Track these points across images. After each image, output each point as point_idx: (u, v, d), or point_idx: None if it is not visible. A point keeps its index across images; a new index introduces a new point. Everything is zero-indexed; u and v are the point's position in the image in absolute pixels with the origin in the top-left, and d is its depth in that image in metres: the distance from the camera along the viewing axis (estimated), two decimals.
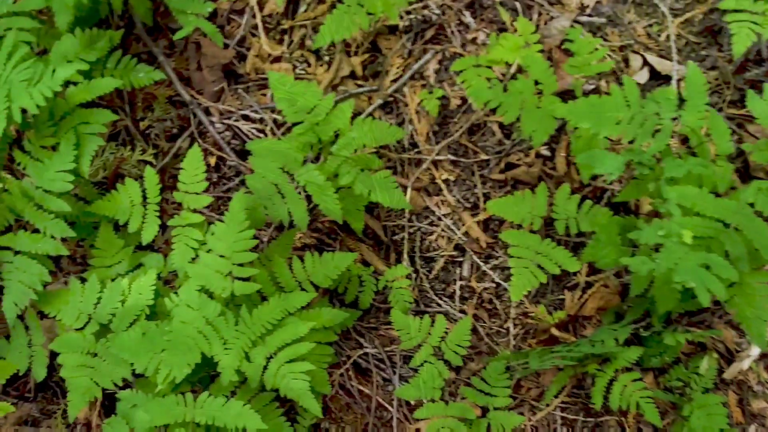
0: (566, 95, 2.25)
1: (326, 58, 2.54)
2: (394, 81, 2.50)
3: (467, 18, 2.47)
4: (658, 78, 2.38)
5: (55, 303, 2.29)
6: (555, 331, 2.29)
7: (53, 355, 2.48)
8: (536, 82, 2.10)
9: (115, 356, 2.24)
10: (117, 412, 2.21)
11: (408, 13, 2.47)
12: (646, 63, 2.35)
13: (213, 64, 2.59)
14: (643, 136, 1.76)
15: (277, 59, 2.56)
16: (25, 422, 2.80)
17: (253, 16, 2.61)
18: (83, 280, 2.32)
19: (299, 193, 2.17)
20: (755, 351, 2.33)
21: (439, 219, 2.51)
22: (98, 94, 2.23)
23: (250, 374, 2.03)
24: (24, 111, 2.05)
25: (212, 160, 2.65)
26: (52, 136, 2.24)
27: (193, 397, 2.00)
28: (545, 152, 2.40)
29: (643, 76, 2.31)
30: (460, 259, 2.51)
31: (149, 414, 2.00)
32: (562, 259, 2.12)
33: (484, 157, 2.47)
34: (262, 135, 2.59)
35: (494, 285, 2.48)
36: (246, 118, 2.63)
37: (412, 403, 2.48)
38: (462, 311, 2.49)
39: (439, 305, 2.50)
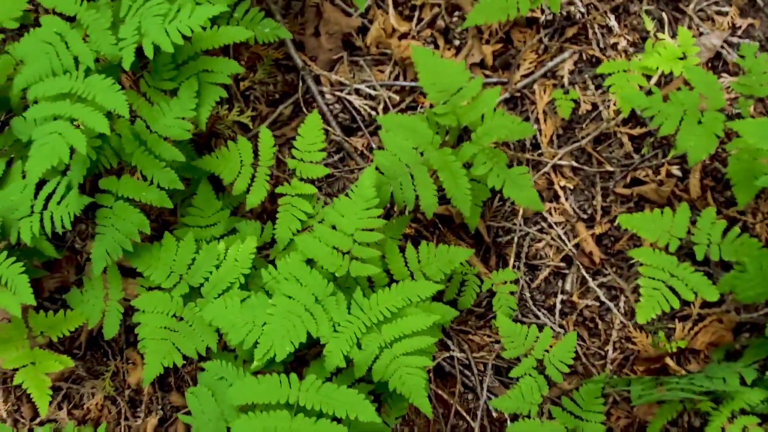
0: None
1: (456, 42, 2.41)
2: (525, 76, 2.37)
3: (611, 21, 2.35)
4: None
5: (145, 258, 2.14)
6: (669, 362, 2.16)
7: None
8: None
9: (202, 323, 2.09)
10: (200, 383, 2.05)
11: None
12: None
13: (333, 32, 2.45)
14: None
15: (404, 36, 2.43)
16: (66, 379, 2.64)
17: None
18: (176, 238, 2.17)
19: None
20: None
21: (551, 227, 2.38)
22: (226, 43, 2.09)
23: (357, 362, 1.89)
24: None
25: None
26: (170, 80, 2.09)
27: (298, 379, 1.85)
28: (676, 172, 2.28)
29: None
30: (565, 271, 2.38)
31: (245, 391, 1.85)
32: (699, 285, 1.99)
33: (608, 168, 2.34)
34: (374, 113, 2.45)
35: (598, 304, 2.35)
36: (357, 92, 2.49)
37: (494, 415, 2.34)
38: (561, 326, 2.36)
39: (537, 317, 2.37)
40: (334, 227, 1.99)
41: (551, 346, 2.20)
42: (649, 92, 2.15)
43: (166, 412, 2.54)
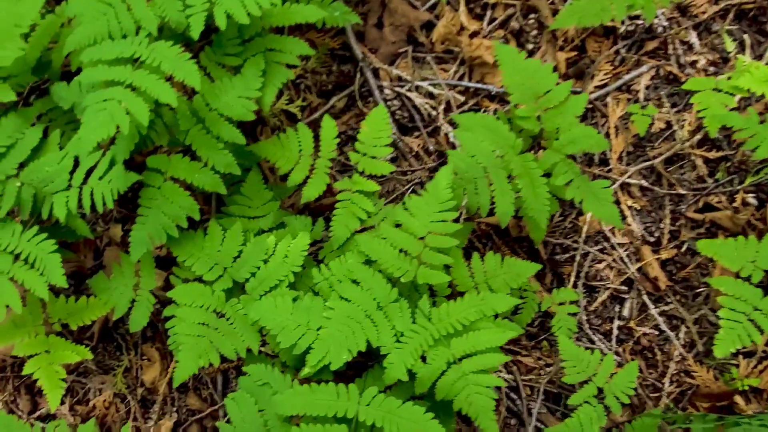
0: None
1: (529, 46, 2.28)
2: (599, 87, 2.25)
3: (693, 38, 2.24)
4: None
5: (187, 247, 1.96)
6: (739, 400, 2.04)
7: None
8: None
9: (245, 322, 1.92)
10: (241, 388, 1.87)
11: (633, 17, 2.23)
12: None
13: (399, 24, 2.31)
14: None
15: (474, 34, 2.29)
16: (72, 371, 2.44)
17: None
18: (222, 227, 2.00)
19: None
20: None
21: (613, 248, 2.25)
22: (297, 22, 1.94)
23: (421, 377, 1.73)
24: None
25: None
26: (235, 56, 1.93)
27: (358, 391, 1.68)
28: (752, 200, 2.17)
29: None
30: (624, 296, 2.25)
31: (297, 400, 1.68)
32: None
33: (679, 191, 2.22)
34: (434, 112, 2.31)
35: (657, 332, 2.22)
36: (418, 89, 2.35)
37: None
38: (617, 354, 2.22)
39: (592, 341, 2.23)
40: (399, 227, 1.84)
41: (613, 374, 2.07)
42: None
43: (182, 416, 2.35)
